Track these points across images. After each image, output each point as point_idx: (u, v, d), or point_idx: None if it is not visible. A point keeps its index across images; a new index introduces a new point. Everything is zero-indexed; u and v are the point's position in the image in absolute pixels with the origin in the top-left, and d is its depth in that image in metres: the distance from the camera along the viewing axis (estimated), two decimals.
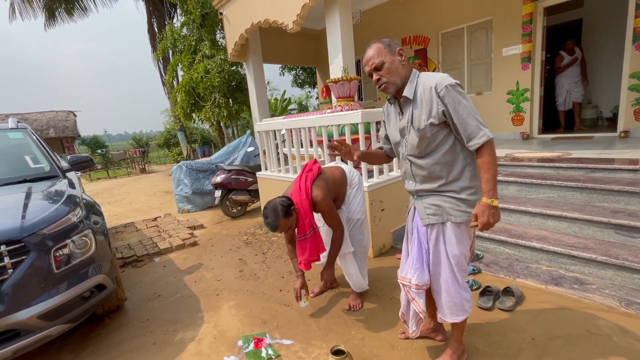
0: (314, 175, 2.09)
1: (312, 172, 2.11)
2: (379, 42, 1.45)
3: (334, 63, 4.38)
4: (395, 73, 1.43)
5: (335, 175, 2.23)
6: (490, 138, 1.33)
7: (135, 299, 2.80)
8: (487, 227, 1.36)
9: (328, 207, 2.01)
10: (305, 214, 1.98)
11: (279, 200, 1.96)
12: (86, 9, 11.35)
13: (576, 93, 5.45)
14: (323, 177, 2.14)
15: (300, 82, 12.32)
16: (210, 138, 17.64)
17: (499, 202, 1.37)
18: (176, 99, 8.41)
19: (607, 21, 5.84)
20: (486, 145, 1.34)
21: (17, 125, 3.06)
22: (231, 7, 5.69)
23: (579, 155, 3.54)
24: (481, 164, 1.36)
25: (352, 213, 2.26)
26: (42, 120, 14.36)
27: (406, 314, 1.78)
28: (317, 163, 2.23)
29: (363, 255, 2.35)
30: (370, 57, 1.44)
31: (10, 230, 1.79)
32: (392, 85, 1.44)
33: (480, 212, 1.35)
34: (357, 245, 2.28)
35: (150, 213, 5.90)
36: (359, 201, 2.27)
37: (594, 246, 2.42)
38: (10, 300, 1.71)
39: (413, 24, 6.34)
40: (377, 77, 1.44)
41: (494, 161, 1.34)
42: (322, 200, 1.98)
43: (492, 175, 1.34)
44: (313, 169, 2.14)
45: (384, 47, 1.43)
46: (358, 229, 2.28)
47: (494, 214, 1.35)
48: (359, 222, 2.27)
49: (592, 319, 1.95)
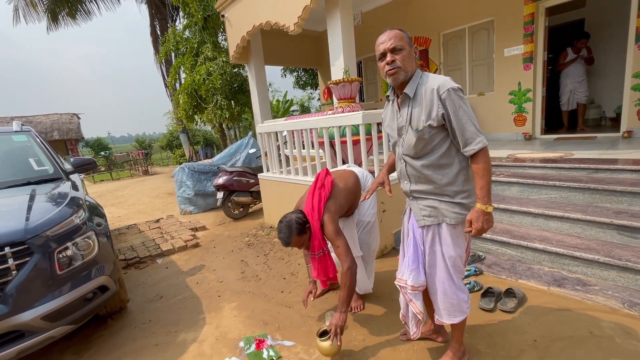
0: (327, 194, 1.98)
1: (324, 188, 2.00)
2: (397, 29, 1.43)
3: (335, 65, 4.38)
4: (409, 63, 1.42)
5: (349, 184, 2.14)
6: (486, 145, 1.35)
7: (137, 300, 2.81)
8: (481, 233, 1.38)
9: (334, 234, 1.88)
10: (316, 234, 1.91)
11: (294, 216, 1.91)
12: (89, 13, 11.46)
13: (580, 94, 5.41)
14: (336, 193, 2.03)
15: (302, 83, 12.36)
16: (213, 140, 17.71)
17: (493, 208, 1.38)
18: (178, 101, 8.46)
19: (609, 21, 5.81)
20: (482, 152, 1.35)
21: (22, 128, 3.09)
22: (233, 10, 5.72)
23: (581, 155, 3.52)
24: (476, 170, 1.37)
25: (363, 216, 2.22)
26: (46, 122, 14.46)
27: (406, 316, 1.78)
28: (330, 175, 2.10)
29: (370, 258, 2.32)
30: (389, 37, 1.41)
31: (15, 232, 1.81)
32: (403, 72, 1.42)
33: (475, 218, 1.36)
34: (365, 249, 2.25)
35: (152, 215, 5.93)
36: (369, 204, 2.22)
37: (597, 247, 2.41)
38: (14, 301, 1.73)
39: (414, 25, 6.34)
40: (392, 59, 1.40)
41: (488, 168, 1.36)
42: (327, 225, 1.89)
43: (487, 182, 1.35)
44: (326, 184, 2.02)
45: (405, 35, 1.43)
46: (367, 232, 2.24)
47: (488, 220, 1.36)
48: (369, 225, 2.23)
49: (594, 320, 1.94)
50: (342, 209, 2.05)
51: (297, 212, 1.96)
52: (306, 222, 1.92)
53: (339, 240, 1.87)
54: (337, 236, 1.87)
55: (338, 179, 2.13)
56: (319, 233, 1.91)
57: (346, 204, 2.08)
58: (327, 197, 1.98)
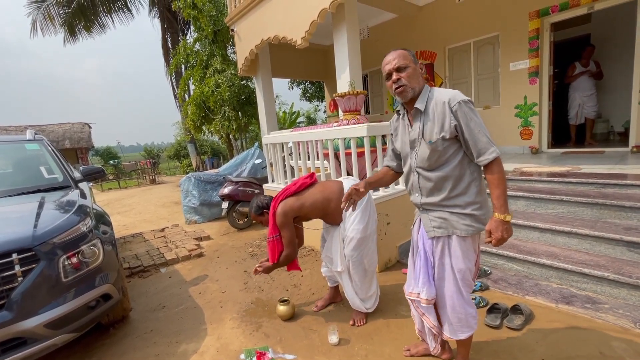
0: (291, 192, 2.24)
1: (294, 186, 2.26)
2: (403, 49, 1.49)
3: (341, 78, 4.45)
4: (415, 80, 1.45)
5: (327, 192, 2.22)
6: (499, 155, 1.36)
7: (140, 309, 2.81)
8: (501, 242, 1.38)
9: (281, 224, 2.17)
10: (270, 221, 2.24)
11: (261, 198, 2.36)
12: (104, 26, 11.87)
13: (589, 108, 5.36)
14: (305, 194, 2.23)
15: (309, 95, 12.50)
16: (220, 150, 17.90)
17: (512, 217, 1.37)
18: (187, 111, 8.62)
19: (615, 36, 5.83)
20: (495, 162, 1.36)
21: (34, 137, 3.17)
22: (242, 24, 5.89)
23: (589, 170, 3.48)
24: (491, 180, 1.38)
25: (346, 230, 2.18)
26: (58, 131, 14.82)
27: (423, 331, 1.75)
28: (309, 179, 2.32)
29: (360, 276, 2.23)
30: (393, 57, 1.46)
31: (23, 239, 1.84)
32: (410, 90, 1.45)
33: (494, 228, 1.37)
34: (353, 265, 2.20)
35: (158, 223, 5.97)
36: (354, 219, 2.15)
37: (606, 264, 2.35)
38: (18, 308, 1.74)
39: (420, 40, 6.43)
40: (397, 77, 1.45)
41: (503, 177, 1.36)
42: (278, 215, 2.17)
43: (503, 191, 1.36)
44: (297, 183, 2.28)
45: (409, 54, 1.47)
46: (355, 249, 2.16)
47: (507, 229, 1.37)
48: (352, 240, 2.15)
49: (605, 339, 1.88)
50: (304, 210, 2.20)
51: (266, 197, 2.39)
52: (264, 207, 2.32)
53: (284, 231, 2.19)
54: (283, 227, 2.18)
55: (319, 185, 2.32)
56: (272, 220, 2.21)
57: (314, 208, 2.22)
58: (292, 193, 2.23)
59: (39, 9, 10.72)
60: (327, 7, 4.01)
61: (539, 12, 4.85)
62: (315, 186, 2.29)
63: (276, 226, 2.20)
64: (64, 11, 10.77)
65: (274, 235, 2.23)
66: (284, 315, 2.39)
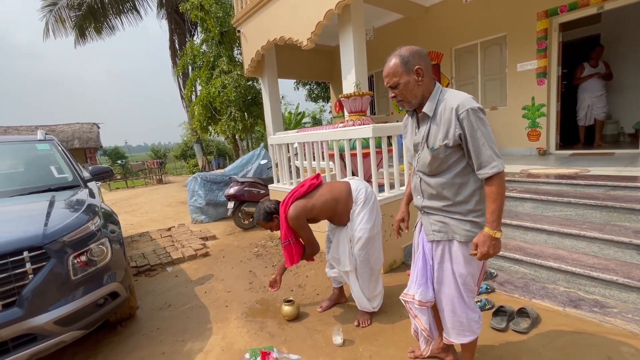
0: (300, 193, 2.21)
1: (302, 188, 2.23)
2: (398, 56, 1.39)
3: (347, 78, 4.46)
4: (410, 94, 1.41)
5: (335, 192, 2.22)
6: (502, 170, 1.31)
7: (146, 307, 2.85)
8: (486, 258, 1.35)
9: (297, 226, 2.14)
10: (282, 225, 2.18)
11: (268, 204, 2.30)
12: (113, 28, 12.05)
13: (598, 109, 5.26)
14: (314, 195, 2.21)
15: (314, 96, 12.53)
16: (226, 150, 18.02)
17: (502, 234, 1.33)
18: (194, 112, 8.70)
19: (625, 36, 5.73)
20: (496, 176, 1.31)
21: (45, 137, 3.23)
22: (248, 26, 5.93)
23: (598, 172, 3.43)
24: (489, 193, 1.33)
25: (354, 230, 2.19)
26: (68, 131, 15.05)
27: (417, 332, 1.74)
28: (316, 180, 2.30)
29: (367, 275, 2.25)
30: (386, 74, 1.44)
31: (33, 237, 1.88)
32: (407, 103, 1.45)
33: (481, 242, 1.33)
34: (361, 264, 2.22)
35: (165, 223, 6.03)
36: (362, 219, 2.18)
37: (615, 267, 2.32)
38: (29, 305, 1.78)
39: (426, 40, 6.40)
40: (393, 94, 1.45)
41: (502, 193, 1.31)
42: (291, 219, 2.13)
43: (499, 207, 1.32)
44: (305, 184, 2.25)
45: (401, 66, 1.38)
46: (363, 248, 2.18)
47: (495, 245, 1.33)
48: (360, 240, 2.17)
49: (613, 344, 1.85)
50: (315, 211, 2.18)
51: (272, 202, 2.32)
52: (273, 212, 2.27)
53: (301, 232, 2.16)
54: (299, 229, 2.15)
55: (326, 185, 2.30)
56: (285, 223, 2.16)
57: (324, 209, 2.19)
58: (301, 195, 2.20)
59: (51, 12, 10.93)
60: (333, 8, 4.02)
61: (548, 12, 4.80)
62: (322, 187, 2.28)
63: (290, 230, 2.17)
64: (74, 14, 10.96)
65: (289, 238, 2.19)
66: (289, 315, 2.41)
